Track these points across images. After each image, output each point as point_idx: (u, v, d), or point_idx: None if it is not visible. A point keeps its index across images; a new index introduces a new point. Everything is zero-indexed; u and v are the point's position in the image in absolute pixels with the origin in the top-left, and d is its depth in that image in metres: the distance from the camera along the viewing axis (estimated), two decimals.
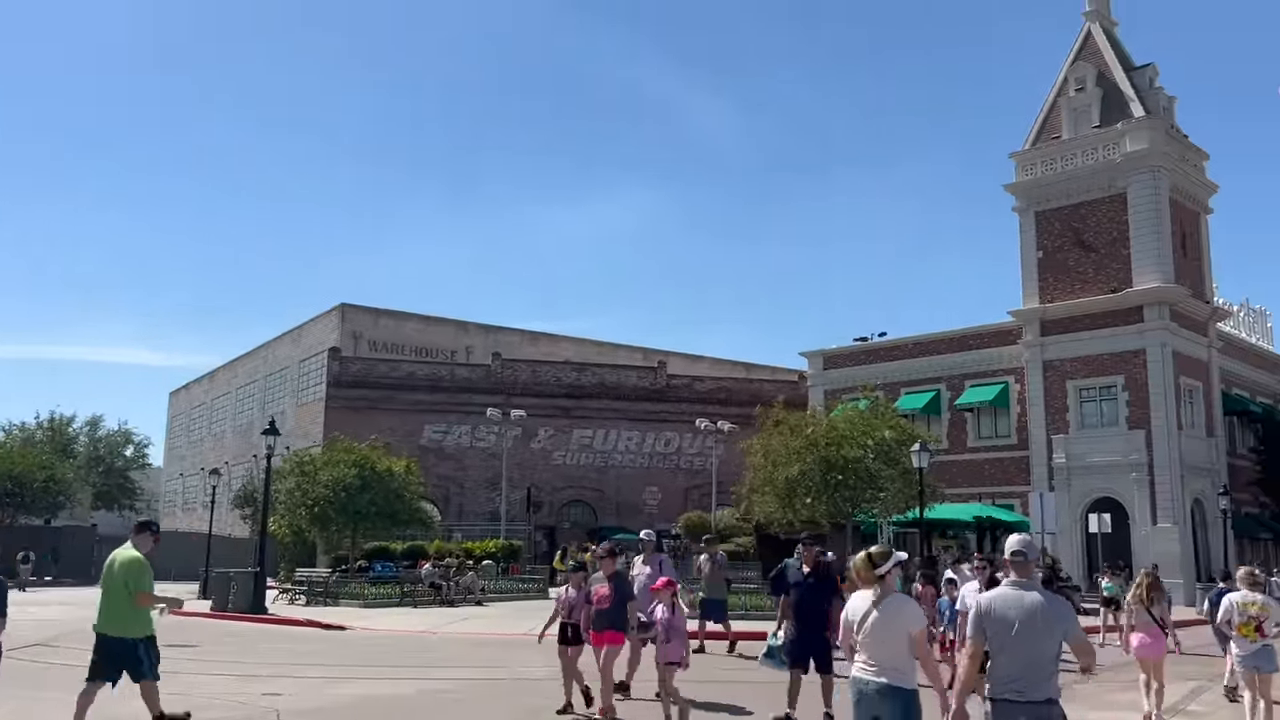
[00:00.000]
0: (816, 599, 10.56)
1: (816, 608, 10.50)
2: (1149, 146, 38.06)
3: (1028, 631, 5.47)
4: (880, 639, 5.99)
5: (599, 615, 10.46)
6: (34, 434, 59.74)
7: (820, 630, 10.37)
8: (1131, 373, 37.23)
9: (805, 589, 10.68)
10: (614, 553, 10.95)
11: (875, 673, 5.95)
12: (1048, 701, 5.45)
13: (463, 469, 49.39)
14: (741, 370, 63.80)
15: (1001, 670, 5.52)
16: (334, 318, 55.32)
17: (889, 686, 5.90)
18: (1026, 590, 5.60)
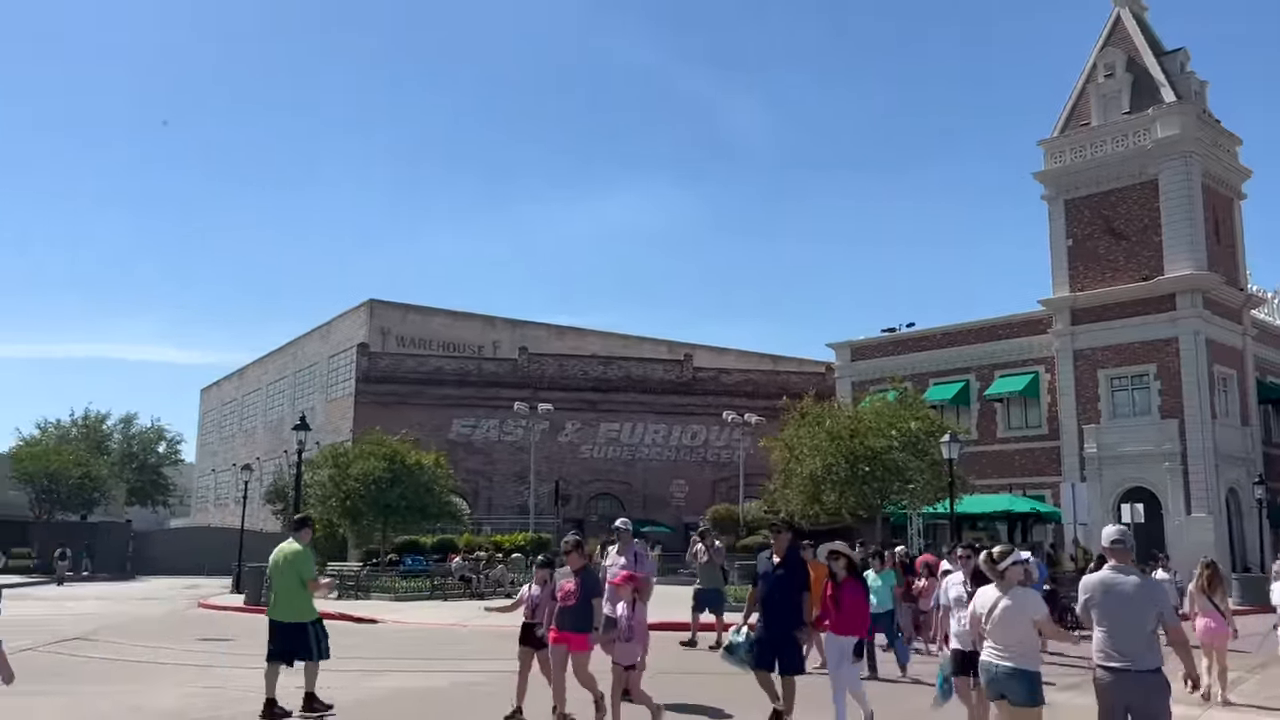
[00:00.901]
0: (785, 593, 9.50)
1: (785, 602, 9.49)
2: (1180, 132, 37.58)
3: (1129, 609, 6.30)
4: (1007, 626, 6.83)
5: (561, 613, 9.54)
6: (69, 432, 60.50)
7: (789, 627, 9.38)
8: (1164, 361, 36.83)
9: (773, 581, 9.62)
10: (580, 545, 9.95)
11: (1003, 657, 6.82)
12: (1155, 670, 6.25)
13: (491, 463, 49.62)
14: (768, 362, 63.63)
15: (1108, 643, 6.33)
16: (362, 313, 55.70)
17: (1016, 669, 6.77)
18: (1126, 574, 6.45)
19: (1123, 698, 6.25)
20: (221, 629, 19.53)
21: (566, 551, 9.92)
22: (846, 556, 9.47)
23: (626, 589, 9.44)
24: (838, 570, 9.41)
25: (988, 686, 7.00)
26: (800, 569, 9.72)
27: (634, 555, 11.88)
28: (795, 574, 9.61)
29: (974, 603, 7.35)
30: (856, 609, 9.36)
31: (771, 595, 9.56)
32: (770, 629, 9.42)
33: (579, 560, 9.73)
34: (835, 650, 9.33)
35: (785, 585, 9.52)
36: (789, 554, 9.74)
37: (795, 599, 9.46)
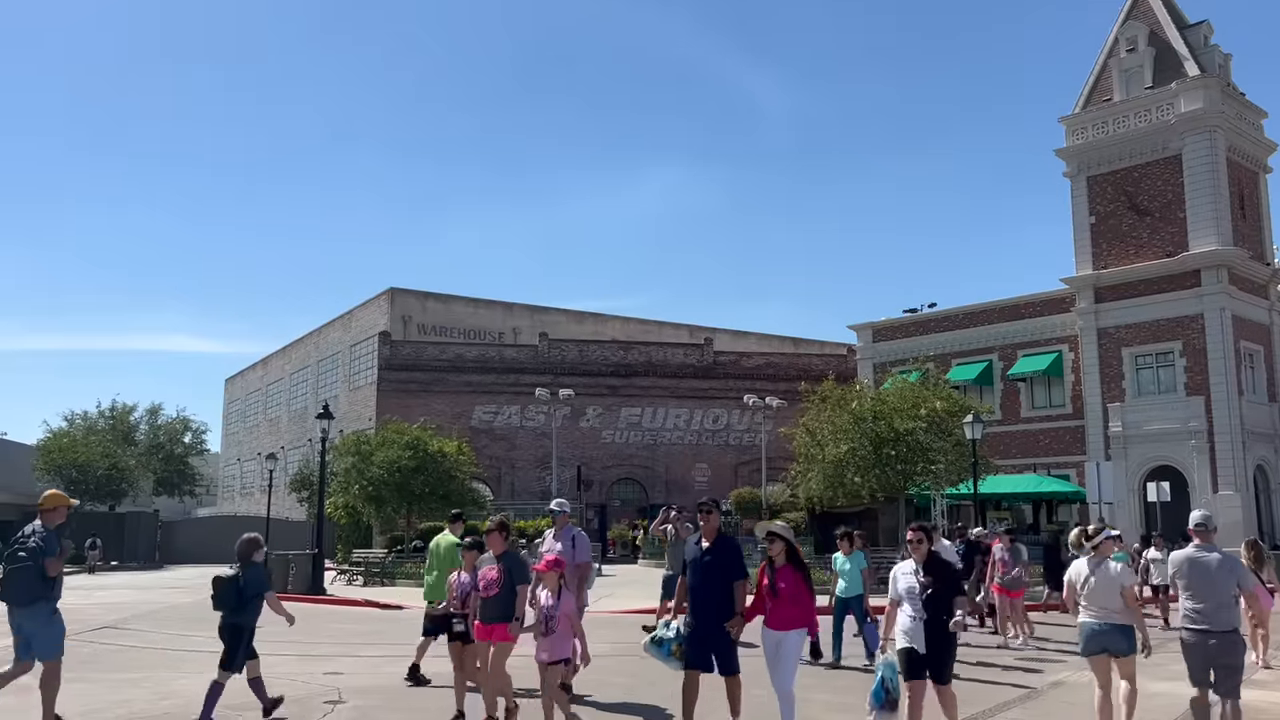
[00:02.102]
0: (715, 581, 8.32)
1: (716, 591, 8.29)
2: (1204, 106, 37.10)
3: (1212, 580, 7.73)
4: (1103, 592, 8.26)
5: (485, 604, 8.72)
6: (96, 423, 61.05)
7: (721, 619, 8.19)
8: (1189, 338, 36.47)
9: (702, 569, 8.41)
10: (504, 527, 8.97)
11: (1100, 617, 8.27)
12: (1233, 630, 7.75)
13: (513, 449, 49.80)
14: (789, 345, 63.49)
15: (1194, 609, 7.81)
16: (383, 302, 55.92)
17: (1116, 625, 8.22)
18: (1209, 551, 7.87)
19: (1207, 655, 7.70)
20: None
21: (487, 533, 8.99)
22: (784, 540, 8.40)
23: (552, 575, 8.45)
24: (775, 555, 8.35)
25: (1088, 642, 8.35)
26: (732, 553, 8.48)
27: (571, 539, 10.79)
28: (726, 559, 8.41)
29: (1068, 573, 8.71)
30: (796, 599, 8.23)
31: (701, 584, 8.40)
32: (701, 623, 8.28)
33: (502, 543, 8.85)
34: (770, 645, 8.25)
35: (715, 572, 8.36)
36: (719, 537, 8.57)
37: (726, 587, 8.28)
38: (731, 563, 8.41)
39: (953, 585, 7.80)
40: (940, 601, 7.62)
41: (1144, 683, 11.63)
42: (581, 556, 10.81)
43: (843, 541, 13.75)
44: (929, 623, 7.58)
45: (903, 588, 7.87)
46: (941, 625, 7.56)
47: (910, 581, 7.82)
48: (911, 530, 8.06)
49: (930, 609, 7.59)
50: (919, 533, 7.99)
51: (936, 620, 7.57)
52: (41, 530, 8.56)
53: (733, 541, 8.70)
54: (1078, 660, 13.90)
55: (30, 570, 8.36)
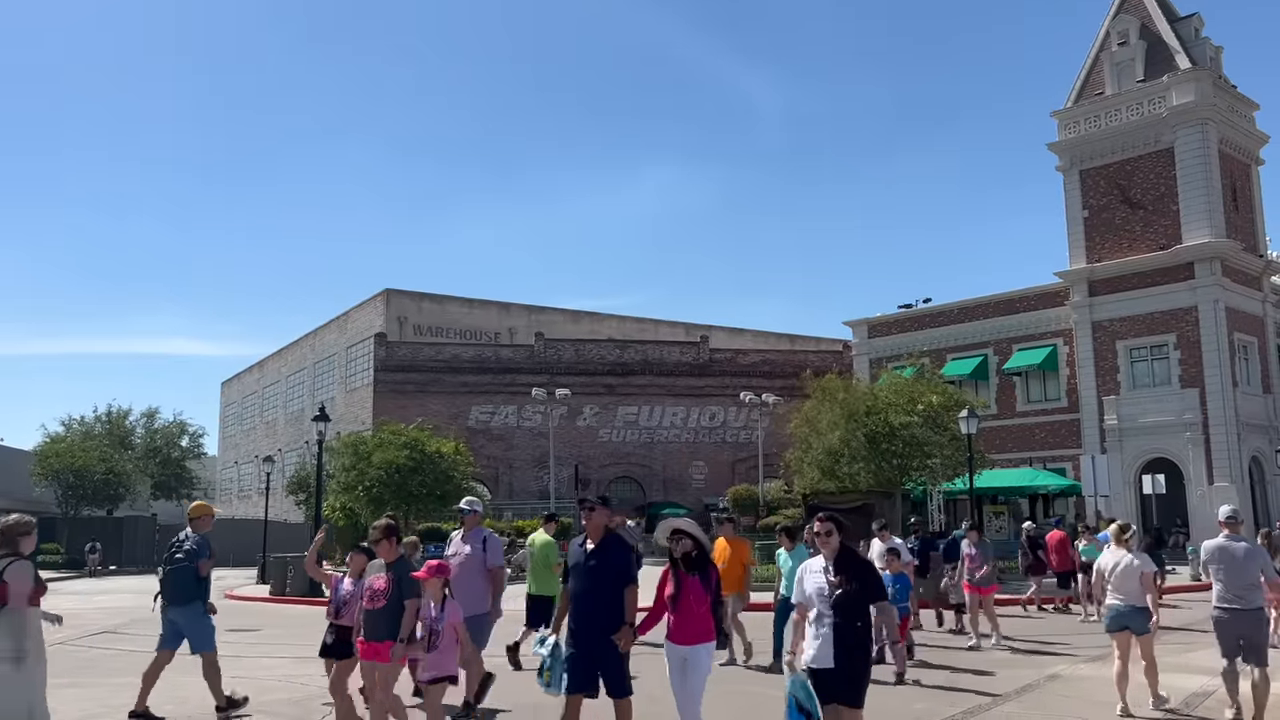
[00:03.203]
0: (602, 587, 7.12)
1: (603, 600, 7.08)
2: (1196, 99, 37.20)
3: (1241, 566, 8.85)
4: (1128, 579, 9.60)
5: (369, 618, 7.69)
6: (93, 428, 61.02)
7: (609, 632, 6.97)
8: (1183, 330, 36.58)
9: (586, 574, 7.22)
10: (392, 531, 7.93)
11: (1124, 600, 9.58)
12: (1259, 609, 8.92)
13: (511, 449, 49.84)
14: (785, 342, 63.56)
15: (1226, 591, 8.87)
16: (379, 303, 55.91)
17: (1136, 607, 9.52)
18: (1237, 540, 8.99)
19: (1237, 629, 8.78)
20: (249, 619, 19.75)
21: (375, 540, 7.94)
22: (692, 538, 7.17)
23: (435, 583, 7.51)
24: (680, 557, 7.14)
25: (1113, 620, 9.71)
26: (621, 554, 7.33)
27: (483, 541, 9.77)
28: (615, 562, 7.23)
29: (1098, 563, 10.16)
30: (704, 608, 7.04)
31: (585, 592, 7.18)
32: (585, 638, 7.06)
33: (391, 551, 7.83)
34: (674, 662, 7.10)
35: (602, 578, 7.15)
36: (607, 537, 7.39)
37: (614, 595, 7.09)
38: (621, 565, 7.25)
39: (869, 587, 6.41)
40: (852, 606, 6.29)
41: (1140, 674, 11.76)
42: (494, 560, 9.75)
43: (783, 536, 12.82)
44: (838, 632, 6.25)
45: (810, 589, 6.48)
46: (853, 635, 6.26)
47: (819, 582, 6.46)
48: (819, 520, 6.61)
49: (840, 615, 6.26)
50: (828, 523, 6.58)
51: (848, 629, 6.25)
52: (194, 536, 9.53)
53: (622, 542, 7.54)
54: (1069, 654, 14.02)
55: (187, 571, 9.38)
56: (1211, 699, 10.21)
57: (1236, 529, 9.08)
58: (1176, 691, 10.41)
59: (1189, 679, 11.34)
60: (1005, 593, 21.64)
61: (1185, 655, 13.24)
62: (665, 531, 7.28)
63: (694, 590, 7.00)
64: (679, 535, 7.16)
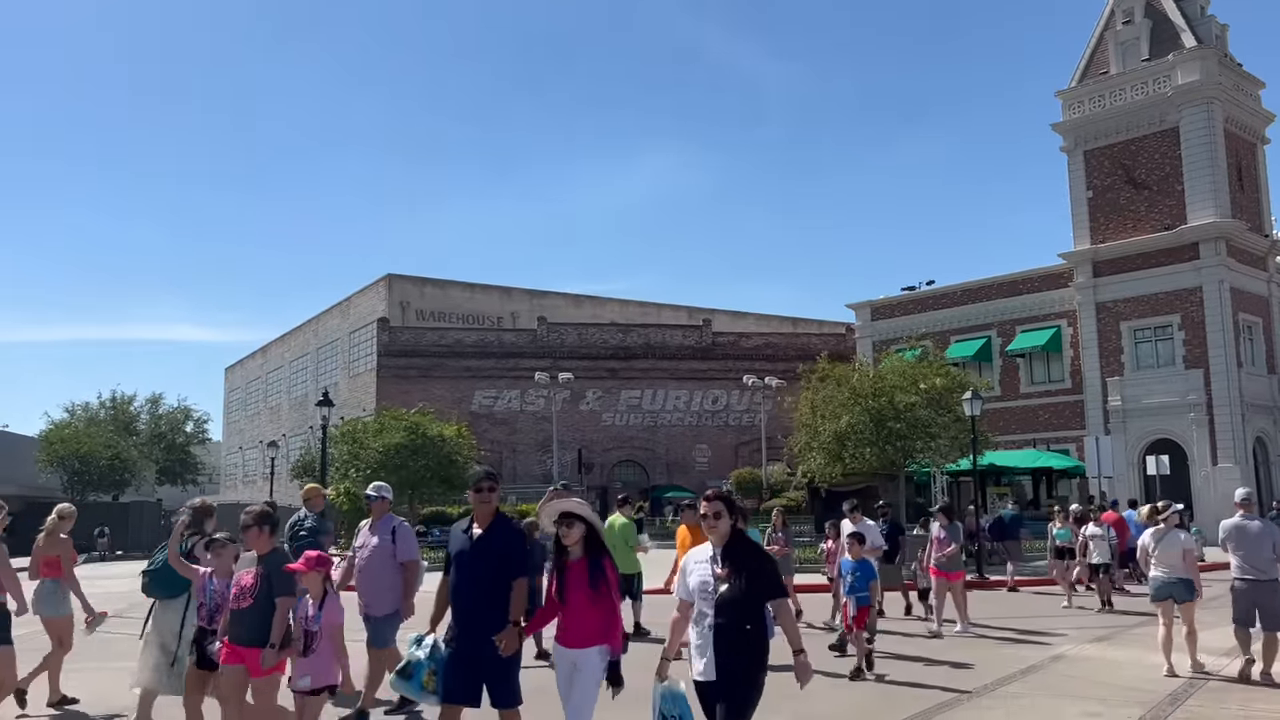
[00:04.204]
0: (486, 580, 6.14)
1: (485, 595, 6.12)
2: (1201, 77, 36.96)
3: (1256, 541, 10.10)
4: (1170, 553, 10.66)
5: (234, 618, 6.66)
6: (97, 414, 61.21)
7: (493, 632, 5.99)
8: (1188, 311, 36.47)
9: (469, 564, 6.23)
10: (265, 519, 6.82)
11: (1167, 572, 10.61)
12: (1274, 580, 10.05)
13: (514, 433, 49.89)
14: (788, 325, 63.51)
15: (1243, 564, 10.16)
16: (381, 288, 55.88)
17: (1180, 578, 10.57)
18: (1251, 519, 10.25)
19: (1253, 598, 9.97)
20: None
21: (245, 527, 6.86)
22: (584, 522, 6.05)
23: (315, 577, 6.47)
24: (570, 544, 6.01)
25: (1158, 591, 10.69)
26: (510, 542, 6.30)
27: (392, 531, 8.77)
28: (502, 550, 6.23)
29: (1141, 539, 11.19)
30: (596, 604, 5.90)
31: (467, 585, 6.19)
32: (465, 639, 6.13)
33: (266, 541, 6.78)
34: (564, 668, 6.00)
35: (485, 569, 6.16)
36: (496, 521, 6.36)
37: (499, 589, 6.11)
38: (508, 555, 6.25)
39: (761, 581, 5.25)
40: (739, 605, 5.16)
41: (1145, 654, 11.90)
42: (406, 554, 8.68)
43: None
44: (720, 635, 5.14)
45: (694, 583, 5.38)
46: (740, 639, 5.15)
47: (704, 574, 5.36)
48: (705, 500, 5.47)
49: (724, 615, 5.15)
50: (715, 503, 5.43)
51: (732, 632, 5.13)
52: (312, 515, 10.04)
53: (512, 526, 6.52)
54: (1075, 635, 14.00)
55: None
56: (1217, 679, 10.26)
57: (1250, 509, 10.25)
58: (1184, 671, 10.46)
59: (1201, 658, 11.36)
60: (1021, 574, 21.73)
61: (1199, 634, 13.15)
62: (551, 514, 6.10)
63: (584, 584, 5.88)
64: (568, 519, 6.03)
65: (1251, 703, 9.27)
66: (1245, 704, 9.23)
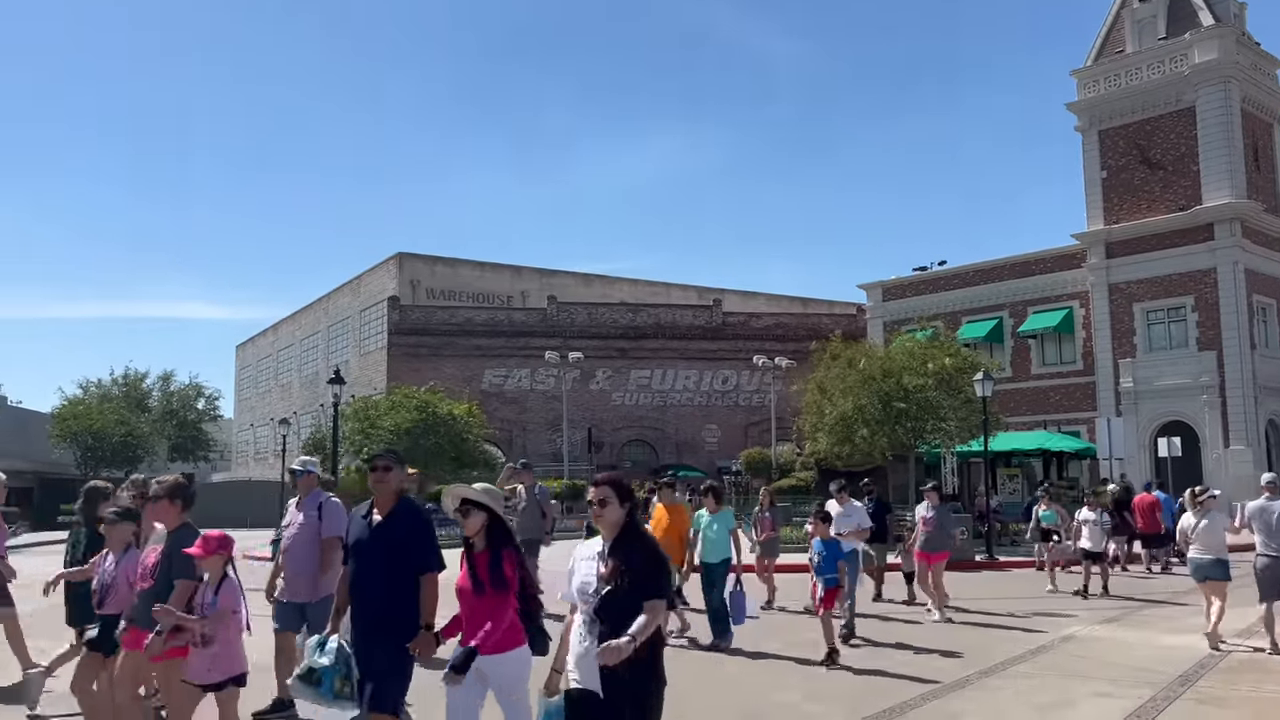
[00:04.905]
0: (382, 573, 5.52)
1: (379, 589, 5.50)
2: (1219, 56, 36.56)
3: (1277, 522, 10.65)
4: (1208, 535, 11.33)
5: (141, 600, 6.15)
6: (110, 391, 61.50)
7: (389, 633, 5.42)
8: (1201, 292, 36.24)
9: (369, 555, 5.61)
10: (178, 491, 6.28)
11: (1203, 553, 11.27)
12: None
13: (524, 412, 49.98)
14: (798, 305, 63.35)
15: (1266, 542, 10.68)
16: (392, 266, 55.90)
17: (1217, 559, 11.25)
18: (1274, 501, 10.75)
19: (1276, 573, 10.56)
20: (264, 582, 19.89)
21: (154, 499, 6.34)
22: (486, 510, 5.34)
23: (215, 561, 5.89)
24: (472, 535, 5.33)
25: (1196, 571, 11.40)
26: (414, 529, 5.67)
27: (318, 508, 8.15)
28: (404, 539, 5.59)
29: (1181, 522, 11.87)
30: (504, 604, 5.18)
31: (365, 579, 5.58)
32: (360, 639, 5.54)
33: (173, 516, 6.21)
34: (470, 678, 5.23)
35: (384, 562, 5.52)
36: (400, 505, 5.72)
37: (402, 585, 5.51)
38: (413, 544, 5.56)
39: (642, 580, 4.44)
40: (623, 608, 4.37)
41: (1156, 635, 11.94)
42: (331, 530, 7.94)
43: (708, 497, 11.82)
44: (603, 641, 4.33)
45: (577, 583, 4.62)
46: None
47: (588, 572, 4.59)
48: (594, 486, 4.68)
49: (607, 619, 4.39)
50: (602, 488, 4.63)
51: (617, 636, 4.32)
52: None
53: (416, 511, 5.85)
54: (1086, 616, 14.01)
55: None
56: (1228, 659, 10.24)
57: (1276, 492, 10.79)
58: (1194, 653, 10.46)
59: (1206, 641, 11.38)
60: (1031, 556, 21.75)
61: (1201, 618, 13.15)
62: (454, 501, 5.40)
63: (489, 581, 5.20)
64: (469, 507, 5.33)
65: (1263, 684, 9.28)
66: (1257, 685, 9.24)
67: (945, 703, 8.55)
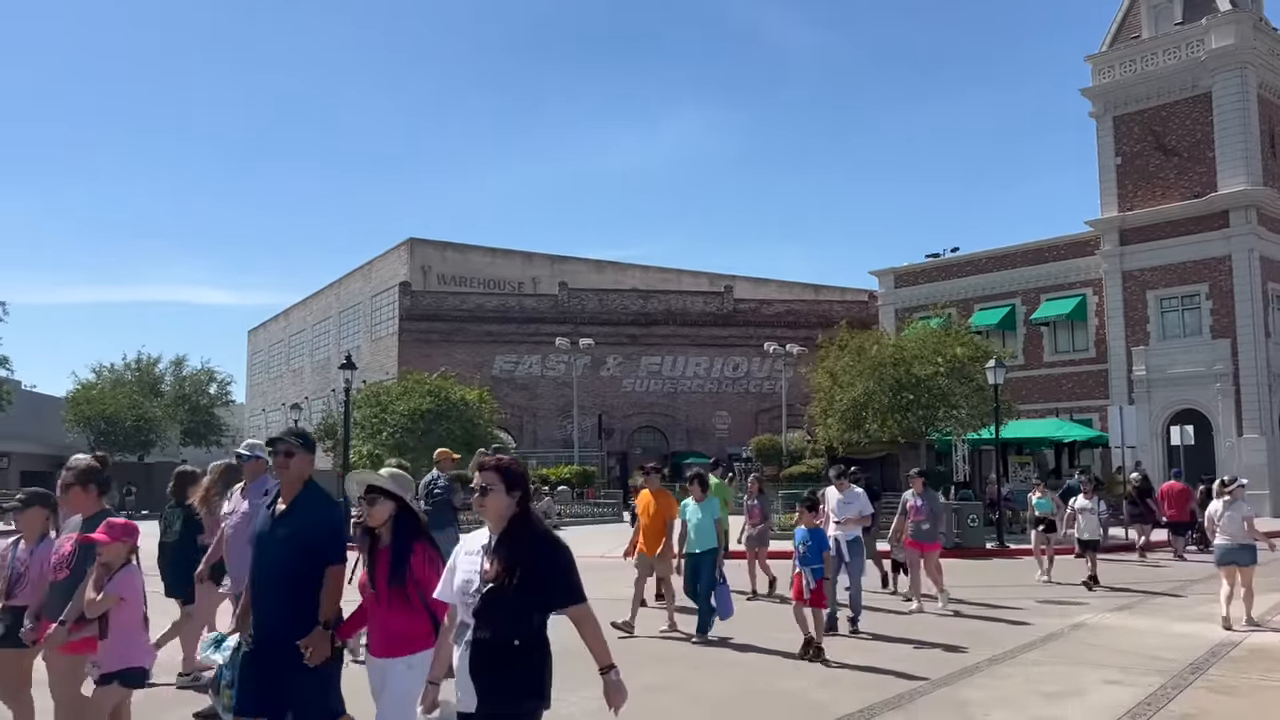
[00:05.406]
0: (280, 568, 4.99)
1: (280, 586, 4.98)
2: (1236, 41, 36.22)
3: None
4: (1234, 522, 11.89)
5: (51, 592, 5.79)
6: (123, 375, 61.78)
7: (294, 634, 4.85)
8: (1216, 280, 36.01)
9: (270, 547, 5.07)
10: (90, 476, 5.90)
11: (1233, 539, 11.79)
12: None
13: (535, 398, 50.07)
14: (810, 292, 63.22)
15: None
16: (403, 252, 55.97)
17: (1243, 544, 11.78)
18: None
19: None
20: None
21: (65, 486, 5.93)
22: (392, 498, 4.89)
23: (117, 549, 5.49)
24: (377, 525, 4.89)
25: (1222, 556, 11.88)
26: (320, 521, 5.10)
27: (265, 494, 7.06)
28: (308, 530, 5.03)
29: (1209, 509, 12.46)
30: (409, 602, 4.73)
31: (262, 575, 5.08)
32: (260, 640, 5.00)
33: (89, 503, 5.84)
34: (374, 679, 4.87)
35: (286, 555, 4.98)
36: (305, 492, 5.19)
37: (304, 580, 4.93)
38: (315, 535, 5.02)
39: (546, 582, 3.91)
40: (506, 612, 3.84)
41: (1167, 623, 11.92)
42: None
43: (694, 485, 11.50)
44: (478, 654, 3.85)
45: (458, 581, 4.03)
46: (506, 659, 3.84)
47: (470, 570, 4.00)
48: (479, 471, 4.06)
49: (488, 625, 3.85)
50: (486, 474, 4.04)
51: (497, 650, 3.83)
52: (444, 477, 11.41)
53: (324, 498, 5.26)
54: (1097, 604, 13.99)
55: (445, 504, 11.13)
56: (1239, 648, 10.19)
57: None
58: (1205, 641, 10.44)
59: (1217, 630, 11.35)
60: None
61: (1216, 606, 13.15)
62: (359, 488, 4.97)
63: (390, 578, 4.75)
64: (374, 494, 4.86)
65: (1273, 672, 9.27)
66: (1266, 673, 9.23)
67: (955, 690, 8.55)
